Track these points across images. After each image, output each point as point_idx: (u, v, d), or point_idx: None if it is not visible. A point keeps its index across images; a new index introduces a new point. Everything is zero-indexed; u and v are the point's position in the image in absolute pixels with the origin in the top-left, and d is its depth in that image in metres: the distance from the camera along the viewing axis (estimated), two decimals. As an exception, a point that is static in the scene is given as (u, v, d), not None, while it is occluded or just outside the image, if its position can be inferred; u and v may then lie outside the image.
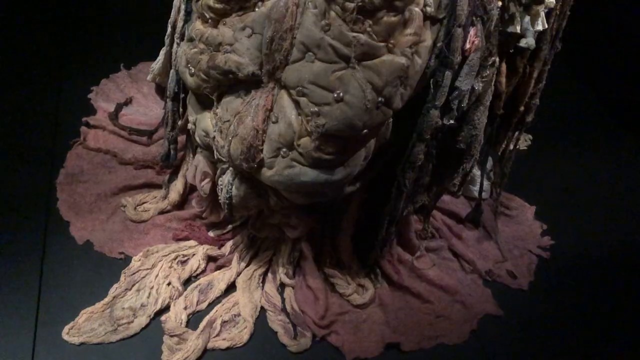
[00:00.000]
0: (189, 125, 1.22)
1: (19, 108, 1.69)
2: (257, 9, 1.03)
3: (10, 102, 1.71)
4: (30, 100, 1.71)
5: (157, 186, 1.50)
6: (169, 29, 1.39)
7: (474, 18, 1.06)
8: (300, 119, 1.05)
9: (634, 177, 1.87)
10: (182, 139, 1.45)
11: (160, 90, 1.65)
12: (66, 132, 1.62)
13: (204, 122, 1.16)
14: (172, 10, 1.35)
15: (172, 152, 1.39)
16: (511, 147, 1.51)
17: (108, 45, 1.96)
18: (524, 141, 1.88)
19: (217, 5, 1.04)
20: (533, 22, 1.15)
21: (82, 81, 1.79)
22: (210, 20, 1.07)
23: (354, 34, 0.98)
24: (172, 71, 1.29)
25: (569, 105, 2.09)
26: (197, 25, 1.10)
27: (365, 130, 1.05)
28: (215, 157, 1.16)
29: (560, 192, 1.75)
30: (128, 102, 1.72)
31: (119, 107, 1.67)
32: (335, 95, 1.01)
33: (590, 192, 1.77)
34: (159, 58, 1.55)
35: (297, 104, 1.04)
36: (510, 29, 1.14)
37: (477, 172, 1.57)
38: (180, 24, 1.24)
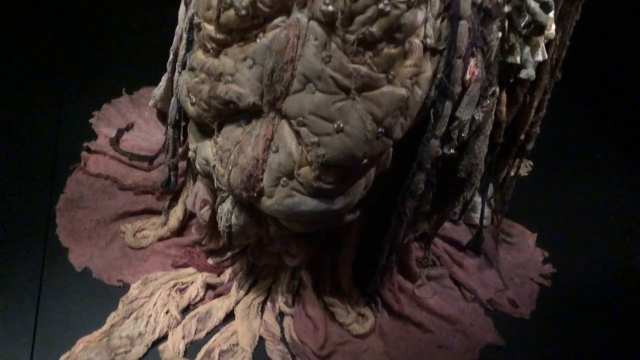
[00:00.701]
0: (190, 153, 1.22)
1: (19, 133, 1.69)
2: (258, 40, 1.03)
3: (10, 126, 1.71)
4: (30, 125, 1.71)
5: (157, 212, 1.49)
6: (171, 56, 1.40)
7: (474, 49, 1.07)
8: (301, 148, 1.05)
9: (637, 204, 1.86)
10: (182, 164, 1.45)
11: (162, 115, 1.65)
12: (67, 157, 1.61)
13: (205, 150, 1.16)
14: (175, 37, 1.36)
15: (172, 178, 1.39)
16: (512, 174, 1.51)
17: (110, 70, 1.96)
18: (525, 167, 1.88)
19: (219, 36, 1.05)
20: (533, 52, 1.15)
21: (84, 106, 1.80)
22: (211, 50, 1.08)
23: (355, 66, 0.98)
24: (173, 99, 1.30)
25: (569, 131, 2.10)
26: (199, 55, 1.11)
27: (365, 160, 1.05)
28: (215, 185, 1.16)
29: (562, 219, 1.74)
30: (129, 127, 1.73)
31: (120, 133, 1.67)
32: (336, 125, 1.01)
33: (592, 219, 1.76)
34: (160, 84, 1.55)
35: (297, 134, 1.04)
36: (510, 60, 1.15)
37: (477, 199, 1.57)
38: (182, 52, 1.25)
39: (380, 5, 0.94)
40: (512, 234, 1.65)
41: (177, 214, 1.44)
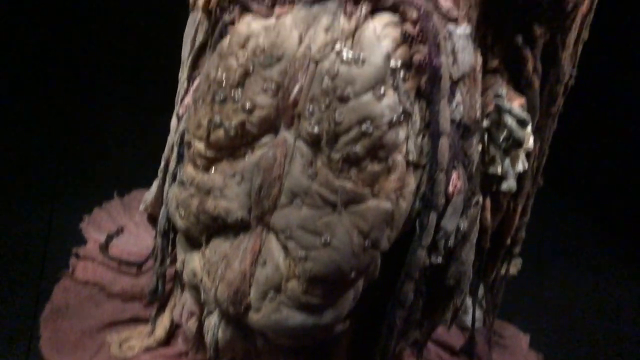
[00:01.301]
0: (178, 264, 1.23)
1: (6, 238, 1.69)
2: (246, 157, 1.07)
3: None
4: (19, 230, 1.72)
5: (144, 320, 1.46)
6: (163, 163, 1.43)
7: (455, 162, 1.10)
8: (288, 262, 1.05)
9: (632, 300, 1.85)
10: (171, 271, 1.44)
11: (152, 219, 1.67)
12: (55, 264, 1.60)
13: (193, 262, 1.17)
14: (167, 145, 1.40)
15: (160, 287, 1.38)
16: (501, 275, 1.51)
17: (103, 173, 1.99)
18: (514, 266, 1.88)
19: (209, 154, 1.08)
20: (513, 163, 1.19)
21: (75, 210, 1.81)
22: (201, 166, 1.11)
23: (340, 182, 1.01)
24: (163, 208, 1.31)
25: (559, 227, 2.12)
26: (189, 170, 1.14)
27: (353, 274, 1.06)
28: (202, 298, 1.15)
29: (555, 318, 1.73)
30: (119, 231, 1.73)
31: (110, 238, 1.67)
32: (323, 240, 1.02)
33: (585, 318, 1.75)
34: (151, 189, 1.57)
35: (285, 248, 1.05)
36: (491, 171, 1.18)
37: (468, 301, 1.56)
38: (172, 164, 1.28)
39: (363, 127, 0.98)
40: (505, 336, 1.63)
41: (164, 323, 1.42)
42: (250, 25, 1.04)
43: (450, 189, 1.10)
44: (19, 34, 2.33)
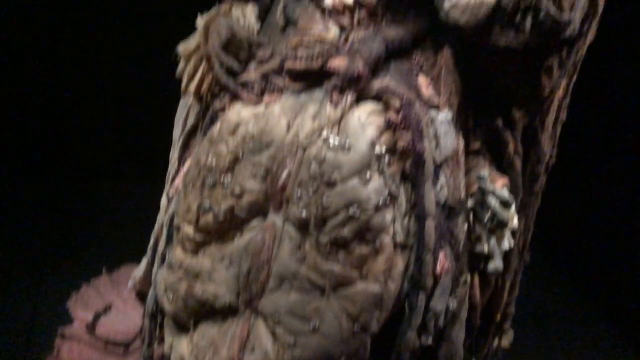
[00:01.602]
0: (165, 348, 1.20)
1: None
2: (235, 240, 1.08)
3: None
4: (3, 309, 1.68)
5: (130, 405, 1.43)
6: (152, 241, 1.43)
7: (442, 242, 1.12)
8: (277, 348, 1.04)
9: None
10: (159, 352, 1.41)
11: (141, 295, 1.65)
12: (40, 345, 1.57)
13: (180, 347, 1.15)
14: (157, 223, 1.40)
15: (147, 369, 1.35)
16: (493, 348, 1.50)
17: (91, 248, 1.99)
18: (507, 338, 1.86)
19: (197, 238, 1.09)
20: (499, 242, 1.21)
21: (62, 286, 1.78)
22: (190, 250, 1.11)
23: (328, 266, 1.02)
24: (151, 290, 1.30)
25: (550, 298, 2.12)
26: (177, 253, 1.14)
27: (342, 359, 1.04)
28: (190, 385, 1.13)
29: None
30: (107, 309, 1.71)
31: (97, 317, 1.65)
32: (311, 325, 1.02)
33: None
34: (140, 266, 1.56)
35: (273, 333, 1.05)
36: (478, 249, 1.19)
37: (461, 377, 1.54)
38: (162, 244, 1.28)
39: (350, 211, 1.00)
40: (500, 413, 1.59)
41: (150, 407, 1.38)
42: (240, 113, 1.07)
43: (438, 269, 1.11)
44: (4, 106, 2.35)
